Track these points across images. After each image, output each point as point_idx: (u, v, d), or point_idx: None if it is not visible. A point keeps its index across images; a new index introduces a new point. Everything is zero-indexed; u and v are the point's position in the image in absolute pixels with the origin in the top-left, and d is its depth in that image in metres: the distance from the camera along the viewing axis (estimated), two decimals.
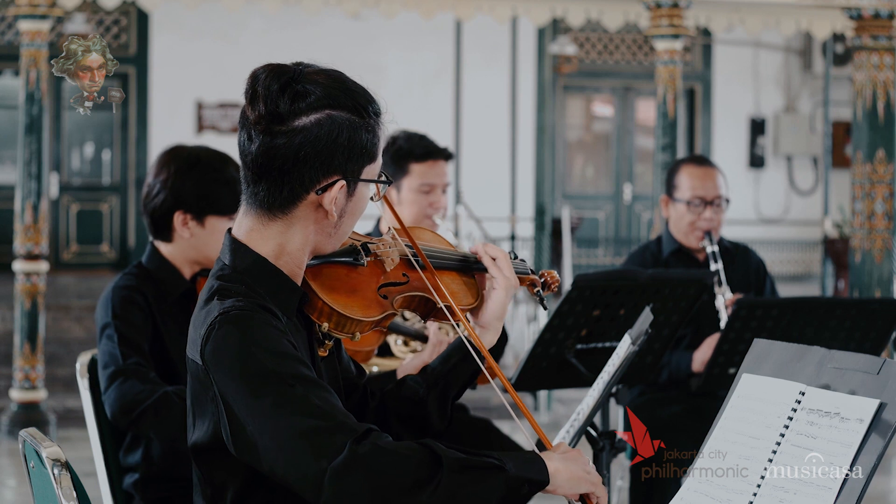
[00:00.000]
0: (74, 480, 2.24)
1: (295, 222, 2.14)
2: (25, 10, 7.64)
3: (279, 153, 2.11)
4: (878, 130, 8.27)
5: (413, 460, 1.98)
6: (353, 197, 2.16)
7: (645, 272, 3.76)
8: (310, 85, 2.14)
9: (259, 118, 2.12)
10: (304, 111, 2.11)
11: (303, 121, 2.11)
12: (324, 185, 2.12)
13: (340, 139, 2.12)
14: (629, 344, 2.85)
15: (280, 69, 2.16)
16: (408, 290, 2.27)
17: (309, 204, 2.13)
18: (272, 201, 2.13)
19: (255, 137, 2.13)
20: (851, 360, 1.99)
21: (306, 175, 2.11)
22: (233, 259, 2.16)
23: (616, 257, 14.79)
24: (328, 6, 8.59)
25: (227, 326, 2.04)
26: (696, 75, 15.06)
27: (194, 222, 3.28)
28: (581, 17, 8.85)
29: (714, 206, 4.41)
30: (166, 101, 13.45)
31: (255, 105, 2.13)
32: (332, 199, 2.13)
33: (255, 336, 2.04)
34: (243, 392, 2.01)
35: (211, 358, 2.04)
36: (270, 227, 2.15)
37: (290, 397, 2.00)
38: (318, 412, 1.99)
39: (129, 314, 3.21)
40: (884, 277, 8.38)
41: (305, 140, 2.10)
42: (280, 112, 2.11)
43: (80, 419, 3.63)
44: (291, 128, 2.11)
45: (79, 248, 13.41)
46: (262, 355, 2.02)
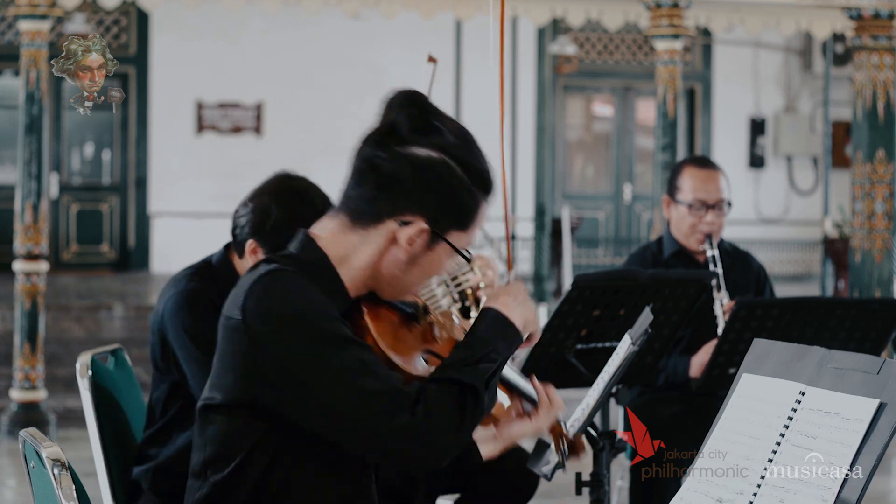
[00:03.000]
0: (74, 480, 2.24)
1: (369, 242, 2.15)
2: (25, 10, 7.64)
3: (381, 167, 2.13)
4: (878, 130, 8.27)
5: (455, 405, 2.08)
6: (430, 252, 2.16)
7: (645, 272, 3.75)
8: (443, 126, 2.16)
9: (382, 129, 2.15)
10: (423, 144, 2.14)
11: (418, 151, 2.13)
12: (407, 219, 2.13)
13: (442, 186, 2.14)
14: (629, 344, 2.85)
15: (418, 97, 2.19)
16: None
17: (386, 231, 2.14)
18: (358, 210, 2.15)
19: (369, 144, 2.15)
20: (851, 360, 1.99)
21: (395, 200, 2.13)
22: (299, 250, 2.18)
23: (616, 257, 14.79)
24: (328, 6, 8.59)
25: (273, 282, 2.08)
26: (696, 75, 15.06)
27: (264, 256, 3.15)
28: (581, 17, 8.85)
29: (716, 210, 4.39)
30: (166, 101, 13.45)
31: (386, 116, 2.16)
32: (407, 237, 2.13)
33: (301, 292, 2.07)
34: (297, 348, 2.04)
35: (254, 311, 2.06)
36: (347, 236, 2.16)
37: (345, 357, 2.04)
38: (373, 375, 2.04)
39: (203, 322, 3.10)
40: (884, 277, 8.37)
41: (411, 167, 2.12)
42: (402, 133, 2.14)
43: (80, 419, 3.63)
44: (405, 151, 2.13)
45: (79, 248, 13.41)
46: (310, 311, 2.05)
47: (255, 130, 13.70)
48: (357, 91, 13.39)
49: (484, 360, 2.13)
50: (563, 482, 3.62)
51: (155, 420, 3.24)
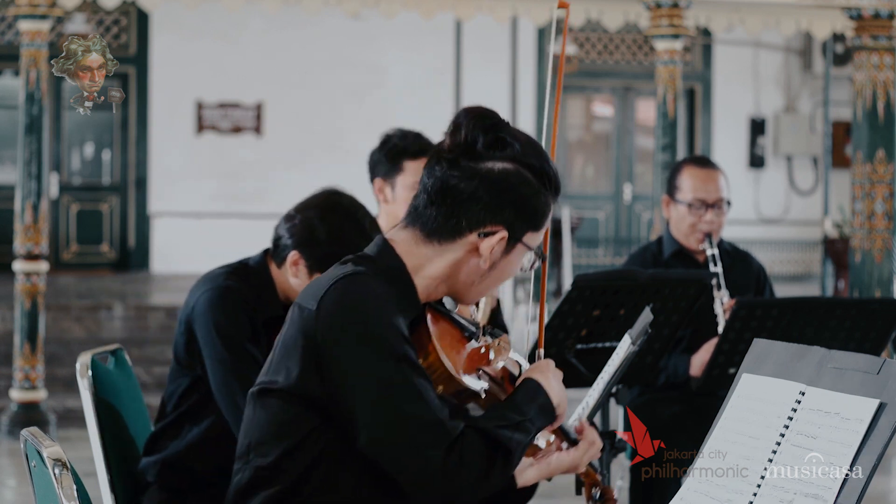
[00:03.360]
0: (75, 480, 2.24)
1: (446, 254, 2.22)
2: (25, 10, 7.64)
3: (458, 185, 2.20)
4: (878, 130, 8.27)
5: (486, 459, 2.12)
6: (507, 256, 2.24)
7: (645, 272, 3.76)
8: (510, 137, 2.23)
9: (454, 147, 2.21)
10: (497, 158, 2.21)
11: (492, 165, 2.21)
12: (488, 230, 2.21)
13: (518, 194, 2.21)
14: (629, 344, 2.85)
15: (488, 113, 2.25)
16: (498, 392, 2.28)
17: (467, 243, 2.22)
18: (436, 228, 2.22)
19: (444, 164, 2.21)
20: (851, 360, 1.99)
21: (476, 214, 2.20)
22: (378, 254, 2.23)
23: (616, 257, 14.79)
24: (328, 6, 8.59)
25: (356, 284, 2.13)
26: (696, 75, 15.06)
27: (305, 270, 3.14)
28: (581, 17, 8.85)
29: (715, 209, 4.40)
30: (166, 101, 13.45)
31: (455, 137, 2.22)
32: (490, 246, 2.21)
33: (379, 304, 2.11)
34: (357, 351, 2.09)
35: (329, 308, 2.11)
36: (421, 248, 2.23)
37: (401, 375, 2.08)
38: (425, 404, 2.09)
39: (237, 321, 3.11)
40: (884, 277, 8.37)
41: (486, 182, 2.19)
42: (476, 150, 2.21)
43: (80, 419, 3.63)
44: (478, 167, 2.20)
45: (79, 248, 13.41)
46: (381, 324, 2.10)
47: (255, 130, 13.70)
48: (357, 91, 13.39)
49: (520, 428, 2.18)
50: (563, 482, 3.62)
51: (166, 413, 3.25)
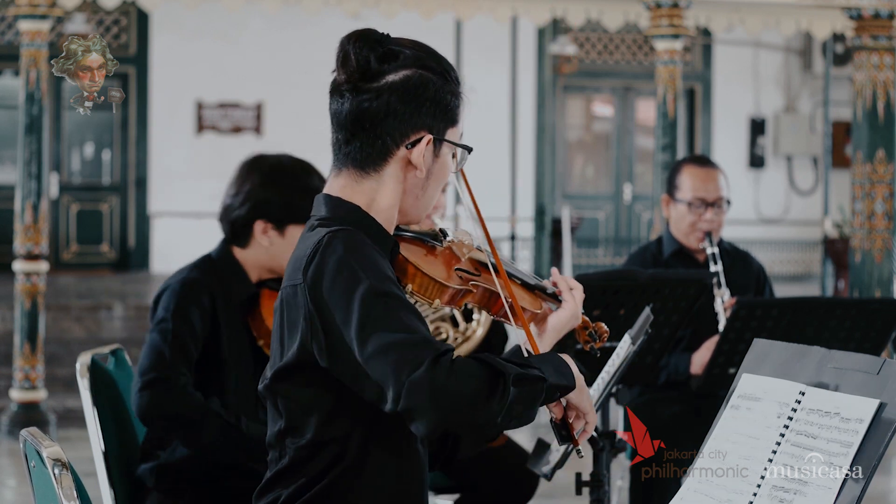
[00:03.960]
0: (75, 480, 2.24)
1: (386, 180, 2.24)
2: (25, 10, 7.64)
3: (370, 108, 2.21)
4: (878, 130, 8.27)
5: (480, 376, 2.07)
6: (437, 159, 2.27)
7: (645, 272, 3.76)
8: (397, 47, 2.25)
9: (350, 76, 2.22)
10: (394, 69, 2.23)
11: (392, 77, 2.22)
12: (412, 139, 2.23)
13: (427, 94, 2.23)
14: (629, 344, 2.85)
15: (368, 33, 2.26)
16: (480, 281, 2.34)
17: (399, 160, 2.24)
18: (364, 157, 2.24)
19: (347, 96, 2.23)
20: (851, 360, 1.99)
21: (396, 129, 2.22)
22: (329, 209, 2.24)
23: (616, 257, 14.78)
24: (328, 6, 8.59)
25: (334, 242, 2.14)
26: (696, 75, 15.05)
27: (275, 231, 3.28)
28: (581, 17, 8.85)
29: (715, 208, 4.40)
30: (166, 101, 13.45)
31: (347, 65, 2.22)
32: (420, 153, 2.23)
33: (358, 252, 2.13)
34: (341, 302, 2.09)
35: (314, 271, 2.13)
36: (362, 184, 2.25)
37: (383, 312, 2.08)
38: (406, 328, 2.08)
39: (190, 314, 3.20)
40: (884, 277, 8.37)
41: (394, 94, 2.21)
42: (371, 70, 2.22)
43: (80, 419, 3.63)
44: (381, 84, 2.22)
45: (79, 248, 13.41)
46: (361, 270, 2.11)
47: (255, 130, 13.70)
48: None
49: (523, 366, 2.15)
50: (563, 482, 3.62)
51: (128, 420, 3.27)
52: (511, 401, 2.07)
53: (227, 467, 3.21)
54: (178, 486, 3.22)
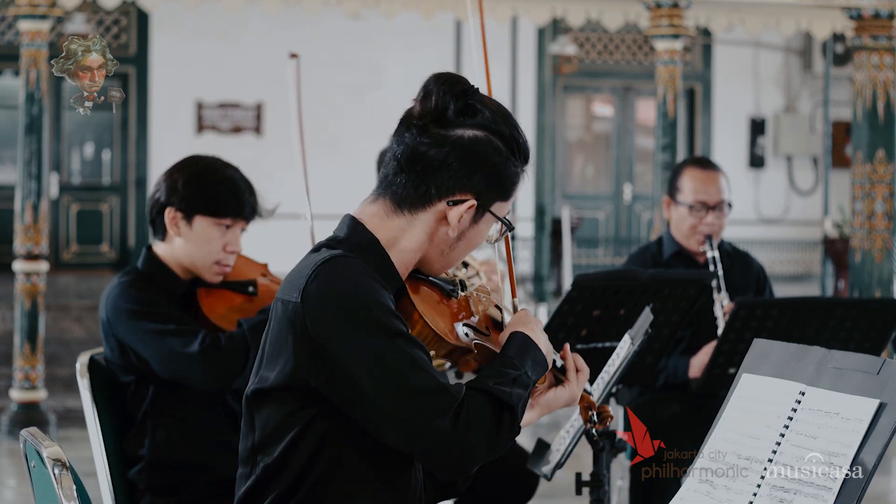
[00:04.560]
0: (75, 480, 2.24)
1: (416, 224, 2.21)
2: (25, 10, 7.64)
3: (428, 153, 2.18)
4: (878, 130, 8.27)
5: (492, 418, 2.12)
6: (476, 225, 2.23)
7: (645, 272, 3.75)
8: (479, 105, 2.21)
9: (424, 114, 2.20)
10: (467, 125, 2.20)
11: (461, 132, 2.19)
12: (457, 198, 2.19)
13: (488, 161, 2.19)
14: (629, 344, 2.85)
15: (457, 79, 2.23)
16: (485, 342, 2.30)
17: (436, 212, 2.20)
18: (404, 196, 2.20)
19: (413, 131, 2.20)
20: (851, 360, 1.99)
21: (445, 183, 2.18)
22: (348, 233, 2.22)
23: (616, 257, 14.78)
24: (328, 6, 8.59)
25: (337, 268, 2.11)
26: (696, 75, 15.05)
27: (183, 221, 3.26)
28: (581, 17, 8.85)
29: (716, 211, 4.39)
30: (166, 101, 13.45)
31: (425, 104, 2.20)
32: (458, 214, 2.20)
33: (363, 284, 2.10)
34: (350, 337, 2.07)
35: (314, 296, 2.09)
36: (393, 220, 2.21)
37: (397, 351, 2.07)
38: (422, 371, 2.08)
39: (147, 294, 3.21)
40: (884, 277, 8.37)
41: (456, 149, 2.18)
42: (447, 116, 2.19)
43: (80, 419, 3.63)
44: (450, 134, 2.19)
45: (79, 248, 13.41)
46: (370, 303, 2.08)
47: (255, 130, 13.70)
48: (357, 91, 13.38)
49: (518, 382, 2.17)
50: (563, 482, 3.62)
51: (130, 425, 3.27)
52: (518, 427, 2.15)
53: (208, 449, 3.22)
54: (169, 484, 3.22)
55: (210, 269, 3.28)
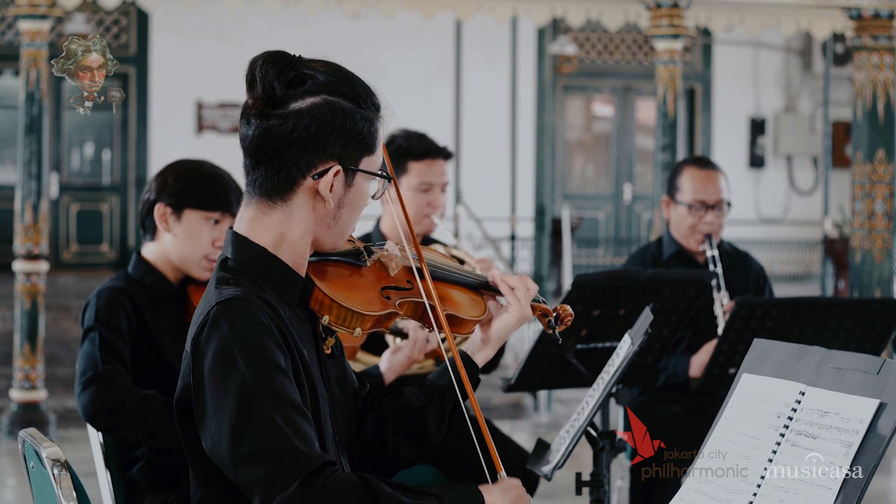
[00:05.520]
0: (74, 480, 2.24)
1: (294, 210, 2.15)
2: (25, 10, 7.64)
3: (274, 135, 2.12)
4: (878, 130, 8.27)
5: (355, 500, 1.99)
6: (351, 188, 2.17)
7: (645, 272, 3.75)
8: (308, 71, 2.15)
9: (256, 102, 2.14)
10: (301, 95, 2.14)
11: (298, 104, 2.13)
12: (319, 170, 2.13)
13: (335, 123, 2.13)
14: (629, 344, 2.85)
15: (278, 55, 2.17)
16: (410, 295, 2.27)
17: (306, 190, 2.14)
18: (270, 186, 2.15)
19: (252, 121, 2.15)
20: (851, 360, 1.99)
21: (302, 159, 2.13)
22: (234, 252, 2.17)
23: (616, 257, 14.79)
24: (328, 6, 8.59)
25: (218, 319, 2.05)
26: (696, 75, 15.05)
27: (173, 216, 3.31)
28: (581, 17, 8.85)
29: (716, 210, 4.40)
30: (166, 101, 13.45)
31: (253, 90, 2.15)
32: (327, 184, 2.14)
33: (243, 337, 2.04)
34: (216, 392, 2.03)
35: (198, 347, 2.06)
36: (270, 216, 2.16)
37: (258, 413, 2.00)
38: (281, 435, 2.00)
39: (114, 318, 3.24)
40: (884, 277, 8.37)
41: (300, 122, 2.12)
42: (276, 95, 2.13)
43: (80, 419, 3.63)
44: (287, 111, 2.13)
45: (79, 248, 13.41)
46: (243, 360, 2.02)
47: None
48: None
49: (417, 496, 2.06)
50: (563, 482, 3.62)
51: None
52: None
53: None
54: (171, 481, 3.22)
55: (199, 265, 3.31)
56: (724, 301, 4.26)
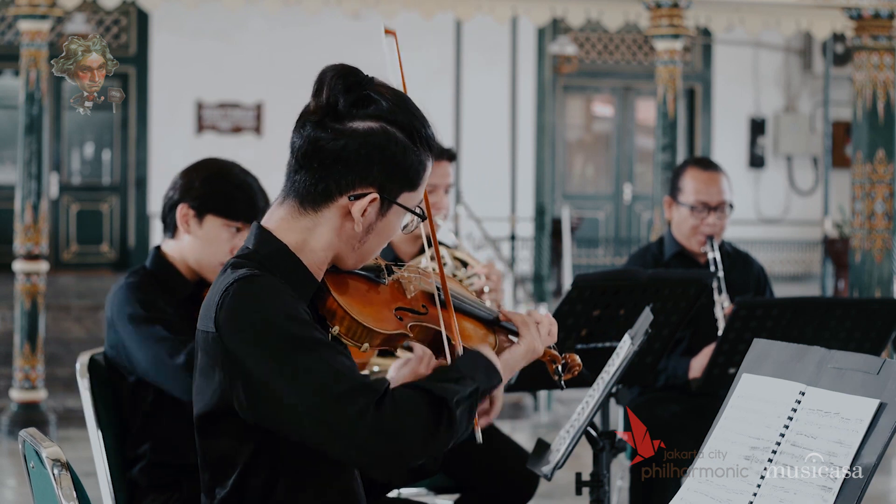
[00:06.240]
0: (74, 480, 2.24)
1: (323, 222, 2.17)
2: (25, 10, 7.64)
3: (324, 148, 2.14)
4: (878, 130, 8.27)
5: (424, 411, 2.07)
6: (383, 218, 2.19)
7: (645, 272, 3.75)
8: (375, 95, 2.17)
9: (317, 109, 2.16)
10: (361, 117, 2.15)
11: (357, 124, 2.15)
12: (358, 192, 2.15)
13: (386, 153, 2.14)
14: (629, 344, 2.85)
15: (351, 71, 2.19)
16: (424, 320, 2.27)
17: (339, 207, 2.16)
18: (306, 193, 2.16)
19: (308, 127, 2.16)
20: (851, 360, 1.99)
21: (344, 177, 2.14)
22: (256, 244, 2.19)
23: (616, 257, 14.78)
24: (328, 6, 8.59)
25: (242, 290, 2.08)
26: (696, 75, 15.05)
27: (195, 219, 3.27)
28: (581, 17, 8.85)
29: (718, 212, 4.40)
30: (166, 101, 13.45)
31: (318, 98, 2.17)
32: (361, 209, 2.15)
33: (270, 298, 2.07)
34: (264, 355, 2.05)
35: (226, 322, 2.08)
36: (299, 221, 2.18)
37: (312, 360, 2.04)
38: (340, 375, 2.04)
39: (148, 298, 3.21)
40: (884, 277, 8.37)
41: (352, 142, 2.13)
42: (339, 110, 2.15)
43: (80, 419, 3.63)
44: (344, 127, 2.14)
45: (79, 248, 13.41)
46: (278, 318, 2.06)
47: (255, 130, 13.70)
48: None
49: (458, 382, 2.13)
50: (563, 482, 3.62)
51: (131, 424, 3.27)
52: (457, 424, 2.10)
53: None
54: (173, 481, 3.22)
55: (215, 270, 3.27)
56: (724, 304, 4.26)
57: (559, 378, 2.46)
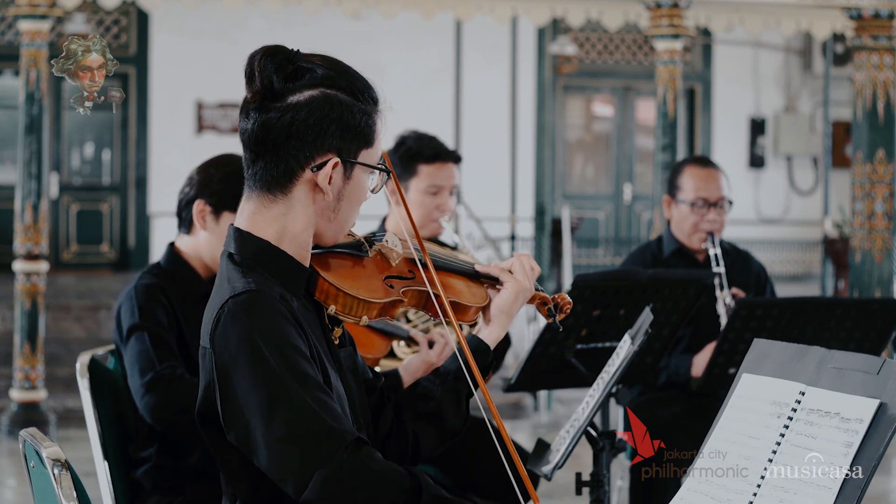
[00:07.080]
0: (75, 480, 2.24)
1: (295, 203, 2.17)
2: (25, 10, 7.64)
3: (273, 128, 2.14)
4: (878, 130, 8.27)
5: (396, 486, 2.04)
6: (350, 180, 2.19)
7: (645, 272, 3.76)
8: (306, 64, 2.18)
9: (254, 95, 2.16)
10: (299, 89, 2.16)
11: (296, 97, 2.15)
12: (318, 162, 2.16)
13: (333, 115, 2.15)
14: (629, 344, 2.85)
15: (276, 49, 2.19)
16: (413, 284, 2.31)
17: (306, 182, 2.17)
18: (270, 179, 2.17)
19: (252, 115, 2.17)
20: (851, 360, 1.99)
21: (300, 151, 2.15)
22: (238, 247, 2.18)
23: (616, 257, 14.78)
24: (328, 6, 8.59)
25: (236, 312, 2.07)
26: (696, 75, 15.05)
27: (211, 216, 3.27)
28: (581, 17, 8.85)
29: (717, 208, 4.42)
30: (166, 101, 13.45)
31: (252, 84, 2.17)
32: (326, 176, 2.16)
33: (262, 325, 2.06)
34: (242, 381, 2.04)
35: (218, 340, 2.08)
36: (272, 209, 2.18)
37: (287, 396, 2.03)
38: (312, 415, 2.02)
39: (156, 314, 3.21)
40: (884, 277, 8.37)
41: (298, 115, 2.14)
42: (275, 89, 2.15)
43: (80, 419, 3.63)
44: (285, 104, 2.15)
45: (79, 248, 13.41)
46: (265, 347, 2.05)
47: None
48: None
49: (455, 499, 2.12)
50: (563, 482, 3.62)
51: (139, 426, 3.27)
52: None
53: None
54: (177, 484, 3.22)
55: None
56: (726, 300, 4.26)
57: (554, 319, 2.50)
